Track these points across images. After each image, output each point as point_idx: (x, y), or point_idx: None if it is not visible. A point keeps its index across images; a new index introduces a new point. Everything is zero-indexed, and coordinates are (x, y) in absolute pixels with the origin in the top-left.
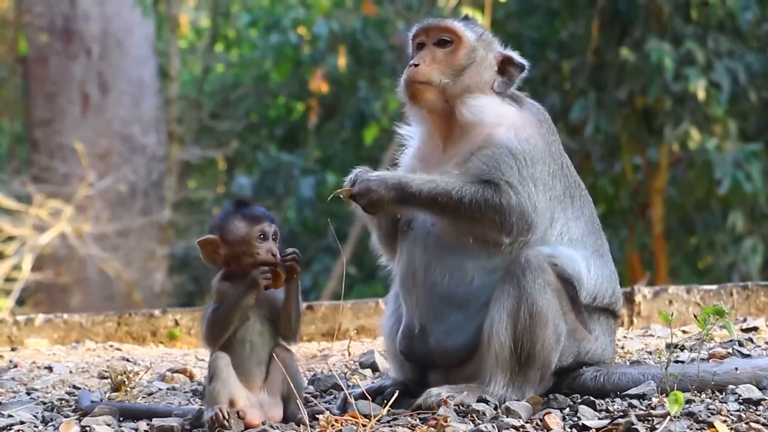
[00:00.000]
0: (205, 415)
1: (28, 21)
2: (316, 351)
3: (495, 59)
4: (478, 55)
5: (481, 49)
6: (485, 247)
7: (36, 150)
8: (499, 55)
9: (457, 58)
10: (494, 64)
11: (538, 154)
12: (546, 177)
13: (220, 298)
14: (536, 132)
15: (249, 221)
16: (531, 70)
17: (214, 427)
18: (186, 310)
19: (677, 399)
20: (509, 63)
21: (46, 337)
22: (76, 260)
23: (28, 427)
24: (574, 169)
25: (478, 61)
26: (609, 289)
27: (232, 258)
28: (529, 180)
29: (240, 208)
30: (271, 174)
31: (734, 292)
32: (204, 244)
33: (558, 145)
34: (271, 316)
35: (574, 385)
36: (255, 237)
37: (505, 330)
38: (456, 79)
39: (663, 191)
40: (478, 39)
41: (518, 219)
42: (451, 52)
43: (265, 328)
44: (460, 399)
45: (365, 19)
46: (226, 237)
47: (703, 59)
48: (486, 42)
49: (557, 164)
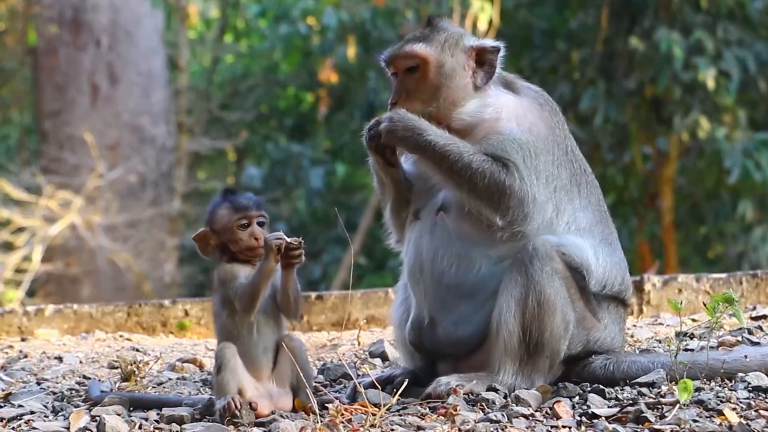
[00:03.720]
0: (217, 404)
1: (37, 12)
2: (326, 341)
3: (467, 56)
4: (447, 67)
5: (449, 57)
6: (489, 233)
7: (46, 141)
8: (470, 49)
9: (428, 81)
10: (469, 61)
11: (542, 144)
12: (550, 167)
13: (233, 276)
14: (538, 118)
15: (231, 210)
16: (540, 60)
17: (225, 417)
18: (196, 301)
19: (687, 387)
20: (483, 52)
21: (56, 328)
22: (86, 251)
23: (38, 416)
24: (579, 152)
25: (449, 72)
26: (618, 277)
27: (221, 247)
28: (532, 171)
29: (227, 197)
30: (281, 165)
31: (744, 281)
32: (198, 239)
33: (562, 126)
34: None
35: (583, 374)
36: (236, 224)
37: (513, 318)
38: (436, 101)
39: (672, 181)
40: (441, 50)
41: (515, 205)
42: (421, 77)
43: (270, 309)
44: (470, 388)
45: (374, 10)
46: (214, 227)
47: (712, 48)
48: (451, 45)
49: (561, 149)
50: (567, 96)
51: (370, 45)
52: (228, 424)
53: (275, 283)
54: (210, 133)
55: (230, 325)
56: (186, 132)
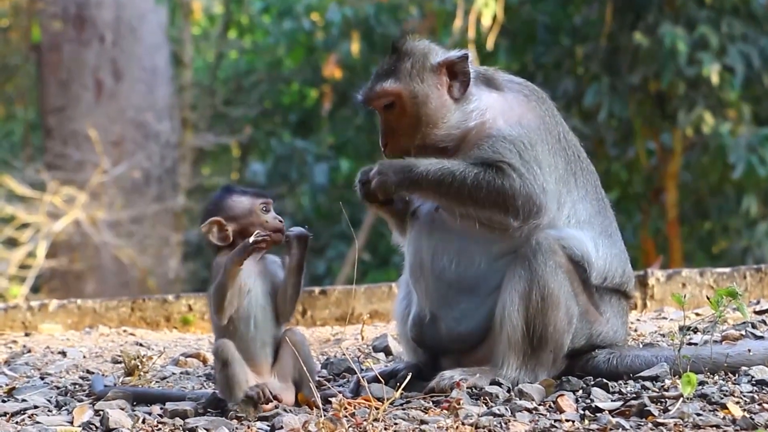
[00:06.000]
0: (250, 391)
1: (41, 8)
2: (329, 335)
3: (438, 74)
4: (420, 94)
5: (419, 84)
6: (492, 232)
7: (50, 137)
8: (438, 67)
9: (407, 114)
10: (440, 78)
11: (534, 134)
12: (548, 157)
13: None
14: (525, 110)
15: (250, 195)
16: (544, 56)
17: (259, 403)
18: (199, 295)
19: (690, 380)
20: (452, 65)
21: (59, 323)
22: (90, 247)
23: (41, 411)
24: (572, 136)
25: (424, 98)
26: (619, 269)
27: (240, 233)
28: (533, 163)
29: (234, 188)
30: (285, 160)
31: (747, 275)
32: (210, 227)
33: (552, 113)
34: (273, 293)
35: (586, 368)
36: (260, 207)
37: (517, 313)
38: (421, 129)
39: (677, 176)
40: (410, 79)
41: (525, 202)
42: (399, 111)
43: (268, 304)
44: (473, 382)
45: (378, 5)
46: (230, 213)
47: (716, 43)
48: (419, 70)
49: (554, 137)
50: (571, 91)
51: (374, 41)
52: (231, 418)
53: (276, 279)
54: (214, 128)
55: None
56: (190, 128)
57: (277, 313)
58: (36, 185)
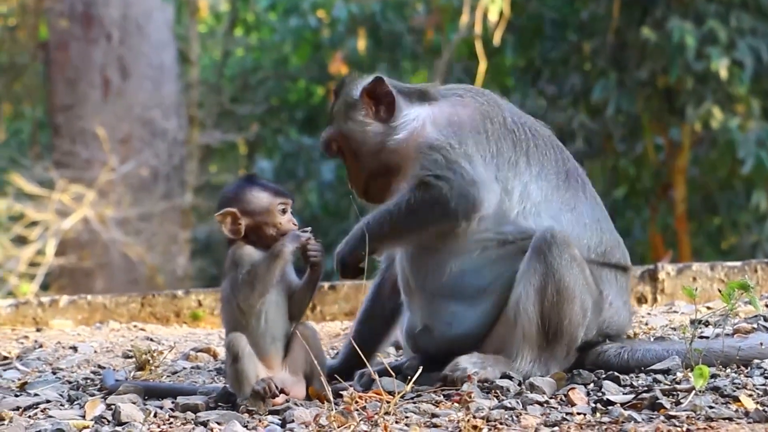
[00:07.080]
0: (256, 386)
1: (48, 6)
2: (339, 330)
3: (361, 106)
4: (353, 131)
5: (348, 123)
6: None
7: (58, 135)
8: (358, 100)
9: (353, 154)
10: (365, 108)
11: (465, 129)
12: (484, 145)
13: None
14: (457, 108)
15: (271, 192)
16: (552, 51)
17: (266, 397)
18: (209, 291)
19: (702, 373)
20: (371, 92)
21: (70, 318)
22: (99, 245)
23: (54, 405)
24: (527, 117)
25: (357, 134)
26: (594, 238)
27: (253, 229)
28: (459, 160)
29: (254, 180)
30: (292, 157)
31: (759, 269)
32: (224, 217)
33: (493, 102)
34: (286, 289)
35: (598, 362)
36: (277, 208)
37: (532, 306)
38: (369, 161)
39: (685, 171)
40: (341, 121)
41: (458, 202)
42: (347, 153)
43: (281, 299)
44: (484, 375)
45: (384, 2)
46: (247, 207)
47: (725, 37)
48: (346, 109)
49: (496, 122)
50: (578, 87)
51: (381, 37)
52: (243, 412)
53: (291, 279)
54: (221, 126)
55: (238, 313)
56: (197, 125)
57: (289, 311)
58: (44, 183)
